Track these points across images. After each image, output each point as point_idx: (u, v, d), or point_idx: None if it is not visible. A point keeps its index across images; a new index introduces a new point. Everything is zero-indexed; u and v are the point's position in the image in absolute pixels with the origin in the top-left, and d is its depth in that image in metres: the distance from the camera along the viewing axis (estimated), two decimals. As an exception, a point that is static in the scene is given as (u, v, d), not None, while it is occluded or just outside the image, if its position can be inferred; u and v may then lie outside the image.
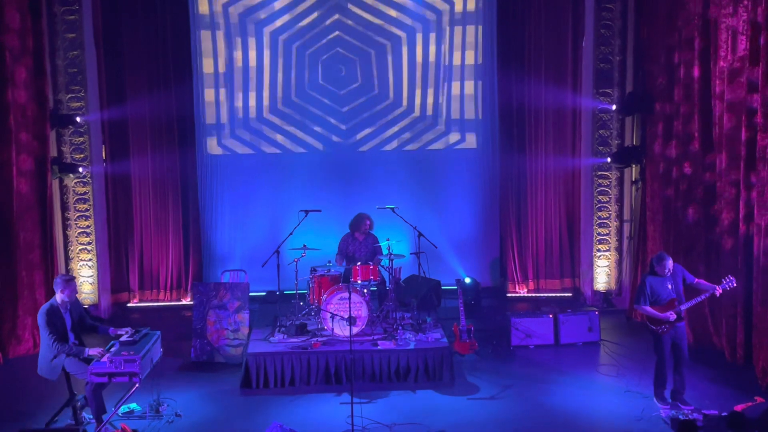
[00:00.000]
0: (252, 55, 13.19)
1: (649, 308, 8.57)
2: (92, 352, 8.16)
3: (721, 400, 8.77)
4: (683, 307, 8.56)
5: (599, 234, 13.08)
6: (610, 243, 13.10)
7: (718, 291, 8.54)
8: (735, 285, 8.55)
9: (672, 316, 8.48)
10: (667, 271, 8.53)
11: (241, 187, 13.44)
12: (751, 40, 9.34)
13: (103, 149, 12.89)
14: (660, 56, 11.47)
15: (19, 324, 11.04)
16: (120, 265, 13.25)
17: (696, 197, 10.74)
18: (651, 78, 11.86)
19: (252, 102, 13.31)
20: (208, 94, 13.27)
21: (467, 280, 12.76)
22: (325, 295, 10.11)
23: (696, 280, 8.73)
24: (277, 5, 13.08)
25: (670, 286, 8.58)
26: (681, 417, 8.16)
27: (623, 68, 12.66)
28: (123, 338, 8.36)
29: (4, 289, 10.91)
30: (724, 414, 7.97)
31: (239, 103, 13.31)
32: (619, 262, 13.10)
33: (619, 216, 13.06)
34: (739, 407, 8.10)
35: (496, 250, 13.75)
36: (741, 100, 9.61)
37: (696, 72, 10.51)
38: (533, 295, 13.41)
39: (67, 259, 12.63)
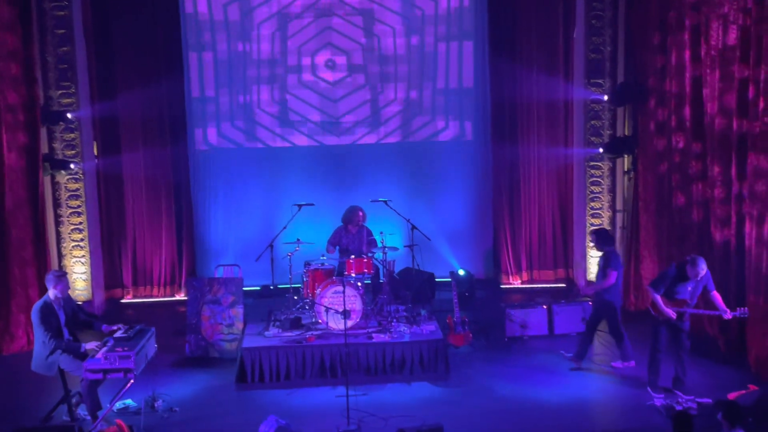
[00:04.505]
0: (243, 48, 13.15)
1: (659, 298, 8.59)
2: (89, 346, 8.16)
3: (714, 388, 8.81)
4: (689, 311, 8.57)
5: (592, 224, 13.10)
6: (603, 233, 13.12)
7: (728, 315, 8.48)
8: (747, 315, 8.51)
9: (673, 315, 8.54)
10: (698, 276, 8.48)
11: (234, 182, 13.42)
12: (741, 29, 9.35)
13: (95, 145, 12.85)
14: (651, 46, 11.49)
15: (12, 321, 11.02)
16: (113, 261, 13.22)
17: (688, 187, 10.76)
18: (642, 68, 11.87)
19: (243, 96, 13.28)
20: (200, 89, 13.23)
21: (461, 272, 12.77)
22: (319, 289, 10.10)
23: (714, 292, 8.64)
24: (268, -1, 13.08)
25: (690, 289, 8.58)
26: (675, 406, 8.19)
27: (614, 59, 12.69)
28: (117, 334, 8.34)
29: (-4, 286, 10.90)
30: (717, 402, 8.01)
31: (231, 97, 13.28)
32: (613, 253, 13.13)
33: (612, 206, 13.10)
34: (732, 395, 8.14)
35: (489, 241, 13.77)
36: (732, 89, 9.62)
37: (687, 61, 10.52)
38: (527, 286, 13.44)
39: (60, 256, 12.60)
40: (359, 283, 10.28)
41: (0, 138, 10.83)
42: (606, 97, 12.72)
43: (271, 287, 11.22)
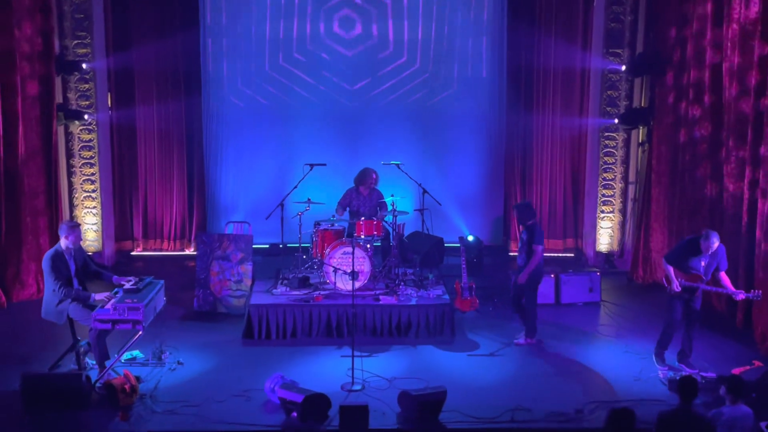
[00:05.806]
0: (260, 5, 13.03)
1: (671, 269, 8.53)
2: (99, 297, 8.20)
3: (719, 363, 8.83)
4: (702, 287, 8.51)
5: (604, 195, 13.08)
6: (614, 204, 13.10)
7: (741, 297, 8.33)
8: (760, 298, 8.33)
9: (677, 288, 8.47)
10: (709, 250, 8.33)
11: (247, 139, 13.38)
12: (763, 3, 9.23)
13: (109, 97, 12.83)
14: (672, 17, 11.36)
15: (23, 269, 11.11)
16: (124, 213, 13.27)
17: (703, 160, 10.70)
18: (662, 39, 11.75)
19: (259, 53, 13.18)
20: (215, 44, 13.15)
21: (470, 238, 12.77)
22: (328, 249, 10.12)
23: (723, 273, 8.49)
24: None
25: (703, 263, 8.45)
26: (678, 378, 8.21)
27: (634, 28, 12.56)
28: (127, 286, 8.38)
29: (8, 234, 10.94)
30: (721, 377, 8.03)
31: (246, 54, 13.17)
32: (623, 224, 13.12)
33: (625, 178, 13.05)
34: (736, 370, 8.16)
35: (499, 208, 13.74)
36: (751, 64, 9.52)
37: (708, 34, 10.40)
38: (535, 254, 13.42)
39: (72, 206, 12.67)
40: (368, 245, 10.31)
41: (15, 87, 10.79)
42: (624, 67, 12.61)
43: (281, 246, 11.25)
